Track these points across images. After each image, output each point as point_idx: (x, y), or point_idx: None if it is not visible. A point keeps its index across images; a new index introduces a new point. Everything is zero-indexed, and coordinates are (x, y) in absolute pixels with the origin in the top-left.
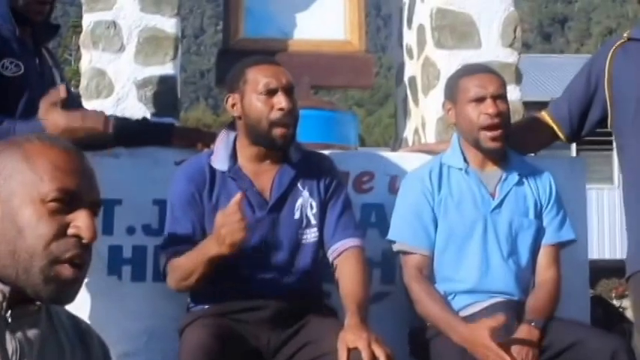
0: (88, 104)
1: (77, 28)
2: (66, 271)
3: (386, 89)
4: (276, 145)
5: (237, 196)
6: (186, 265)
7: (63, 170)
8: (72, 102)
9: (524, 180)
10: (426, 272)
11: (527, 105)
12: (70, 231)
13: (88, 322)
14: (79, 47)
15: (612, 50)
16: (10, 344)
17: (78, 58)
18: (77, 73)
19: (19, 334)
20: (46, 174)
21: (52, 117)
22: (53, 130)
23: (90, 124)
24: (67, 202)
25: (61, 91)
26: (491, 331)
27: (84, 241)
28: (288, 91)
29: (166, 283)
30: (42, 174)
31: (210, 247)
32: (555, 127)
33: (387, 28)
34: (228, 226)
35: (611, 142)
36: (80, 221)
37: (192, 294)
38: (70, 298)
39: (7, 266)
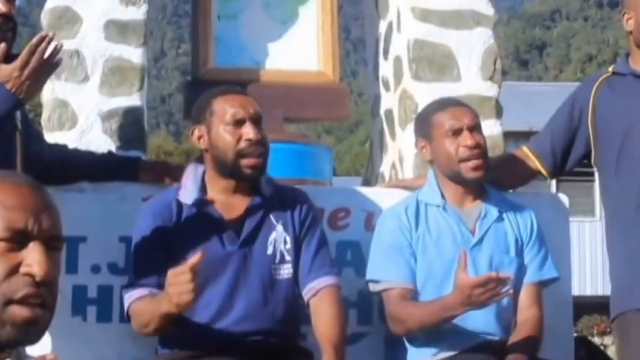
0: (50, 137)
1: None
2: (20, 311)
3: (357, 115)
4: (245, 176)
5: (195, 257)
6: (144, 314)
7: (12, 208)
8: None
9: (505, 216)
10: (410, 303)
11: (505, 134)
12: (22, 269)
13: None
14: None
15: (596, 84)
16: None
17: None
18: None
19: None
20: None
21: None
22: None
23: None
24: (17, 240)
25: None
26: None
27: (37, 278)
28: (256, 121)
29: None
30: None
31: (163, 304)
32: (537, 163)
33: (357, 53)
34: (176, 286)
35: (592, 174)
36: (31, 258)
37: (159, 336)
38: (32, 338)
39: None
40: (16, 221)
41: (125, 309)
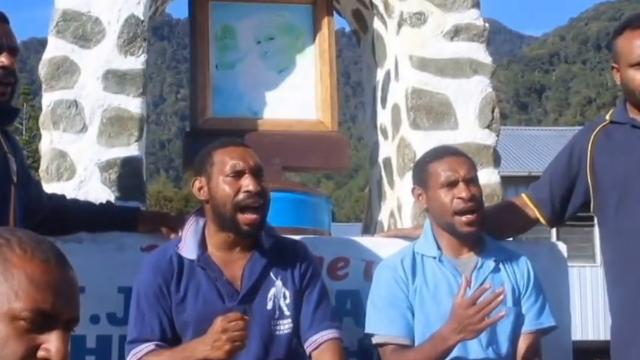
0: (49, 187)
1: (28, 95)
2: None
3: (356, 160)
4: (243, 232)
5: (237, 315)
6: None
7: (40, 287)
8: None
9: (501, 266)
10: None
11: (504, 179)
12: (40, 354)
13: None
14: (30, 115)
15: (594, 133)
16: None
17: (29, 128)
18: (29, 143)
19: None
20: (21, 290)
21: None
22: None
23: None
24: (39, 322)
25: None
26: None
27: None
28: (256, 173)
29: None
30: (17, 289)
31: (197, 350)
32: (536, 211)
33: (357, 97)
34: (231, 333)
35: (591, 218)
36: (51, 344)
37: None
38: None
39: None
40: (42, 302)
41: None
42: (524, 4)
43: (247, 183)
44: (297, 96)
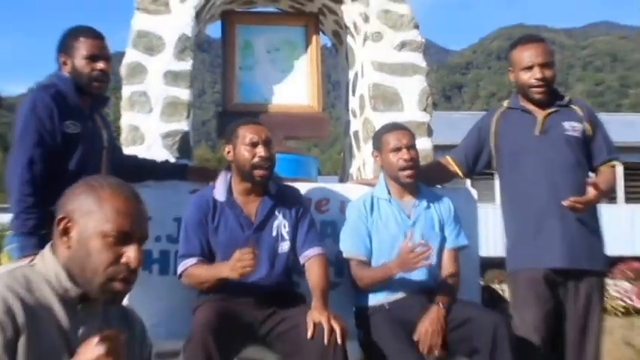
0: (127, 150)
1: (115, 90)
2: (118, 285)
3: (334, 134)
4: (256, 182)
5: (251, 247)
6: (201, 276)
7: (123, 214)
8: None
9: (431, 204)
10: (366, 268)
11: (435, 147)
12: (123, 260)
13: (129, 304)
14: (115, 103)
15: (497, 115)
16: (79, 330)
17: (115, 112)
18: (114, 121)
19: (84, 320)
20: (110, 217)
21: None
22: None
23: None
24: (122, 238)
25: None
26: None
27: (132, 266)
28: (267, 143)
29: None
30: (108, 216)
31: (223, 270)
32: (456, 167)
33: (335, 91)
34: (242, 261)
35: (492, 173)
36: (130, 253)
37: None
38: (119, 302)
39: (77, 276)
40: (123, 225)
41: (179, 271)
42: (449, 28)
43: (260, 151)
44: (294, 88)
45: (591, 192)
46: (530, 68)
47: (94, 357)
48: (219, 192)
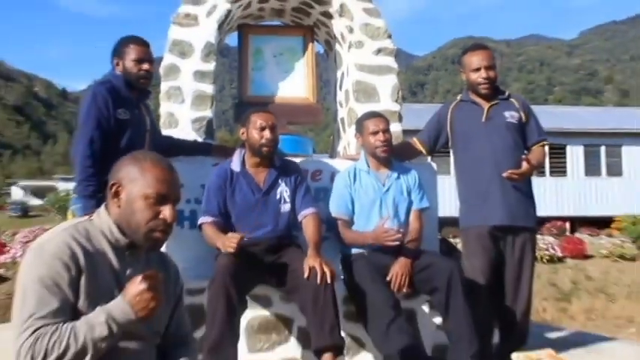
0: (164, 132)
1: (155, 86)
2: (157, 235)
3: (326, 121)
4: (264, 157)
5: (240, 236)
6: (207, 236)
7: (161, 181)
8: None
9: (401, 175)
10: (349, 226)
11: (403, 132)
12: (161, 216)
13: (166, 251)
14: (154, 96)
15: (452, 106)
16: (127, 270)
17: (154, 103)
18: (155, 110)
19: (131, 263)
20: (151, 183)
21: None
22: None
23: None
24: (160, 199)
25: None
26: (382, 231)
27: (168, 221)
28: (273, 128)
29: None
30: (149, 182)
31: (218, 242)
32: (420, 146)
33: (326, 87)
34: (229, 242)
35: (448, 152)
36: (167, 212)
37: None
38: (158, 249)
39: (125, 229)
40: (161, 189)
41: (199, 222)
42: (415, 37)
43: (267, 134)
44: (294, 84)
45: (525, 166)
46: (478, 70)
47: (138, 291)
48: (235, 164)
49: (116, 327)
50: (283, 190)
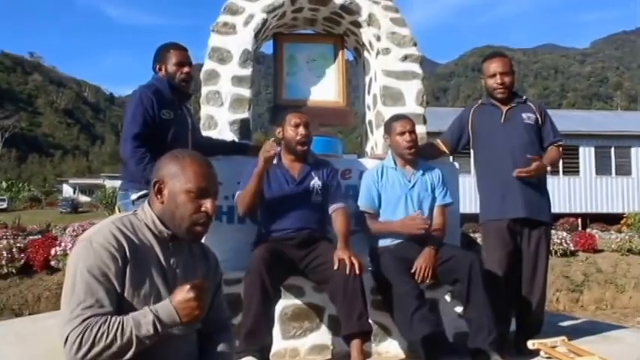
0: (205, 133)
1: (195, 91)
2: (199, 227)
3: (354, 124)
4: (298, 154)
5: (275, 144)
6: (242, 194)
7: (200, 176)
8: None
9: (426, 173)
10: (375, 218)
11: (428, 134)
12: (202, 209)
13: (206, 243)
14: (194, 99)
15: (473, 109)
16: (171, 260)
17: (195, 107)
18: (195, 112)
19: (174, 254)
20: (191, 178)
21: None
22: None
23: None
24: (201, 193)
25: None
26: (409, 219)
27: (209, 213)
28: (306, 126)
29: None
30: (189, 178)
31: (253, 178)
32: (443, 147)
33: (355, 92)
34: (266, 152)
35: (469, 152)
36: (208, 204)
37: (258, 230)
38: (200, 239)
39: (168, 222)
40: (202, 183)
41: (235, 200)
42: (438, 46)
43: (301, 131)
44: (326, 89)
45: (533, 165)
46: (494, 75)
47: (186, 299)
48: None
49: (161, 327)
50: (316, 183)
